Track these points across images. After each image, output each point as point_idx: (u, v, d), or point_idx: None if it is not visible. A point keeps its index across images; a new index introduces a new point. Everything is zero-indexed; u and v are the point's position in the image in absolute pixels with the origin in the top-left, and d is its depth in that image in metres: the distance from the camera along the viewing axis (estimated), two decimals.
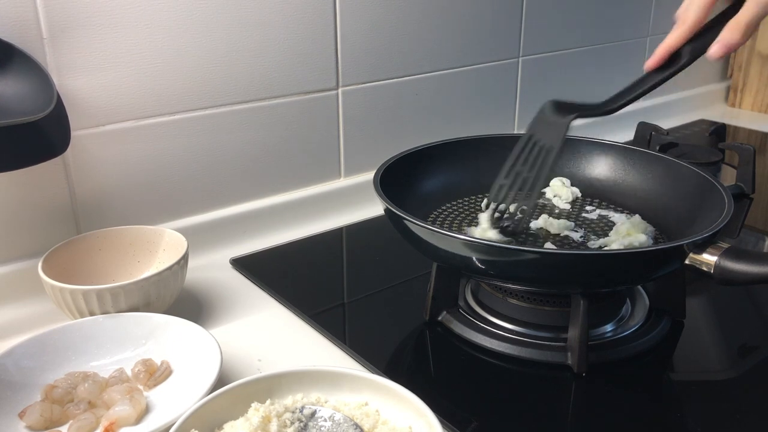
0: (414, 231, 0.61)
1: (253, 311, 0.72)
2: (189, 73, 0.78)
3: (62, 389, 0.55)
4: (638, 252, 0.59)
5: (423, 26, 0.97)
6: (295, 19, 0.84)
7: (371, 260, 0.83)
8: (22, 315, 0.69)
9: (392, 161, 0.73)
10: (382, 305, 0.73)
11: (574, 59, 1.21)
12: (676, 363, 0.64)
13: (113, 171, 0.75)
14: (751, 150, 0.99)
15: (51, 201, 0.72)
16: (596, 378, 0.60)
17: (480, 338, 0.64)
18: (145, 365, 0.58)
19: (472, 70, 1.05)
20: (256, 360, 0.63)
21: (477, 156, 0.81)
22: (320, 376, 0.52)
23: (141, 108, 0.75)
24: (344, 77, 0.91)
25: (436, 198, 0.78)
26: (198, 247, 0.80)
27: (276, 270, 0.79)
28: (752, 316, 0.72)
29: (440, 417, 0.47)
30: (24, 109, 0.62)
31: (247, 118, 0.84)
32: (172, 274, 0.65)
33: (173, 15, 0.75)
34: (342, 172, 0.95)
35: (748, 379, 0.61)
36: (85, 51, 0.70)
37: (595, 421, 0.56)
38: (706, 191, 0.68)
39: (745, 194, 0.98)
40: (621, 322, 0.66)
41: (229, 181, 0.85)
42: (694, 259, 0.57)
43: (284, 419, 0.48)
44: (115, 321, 0.62)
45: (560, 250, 0.66)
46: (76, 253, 0.69)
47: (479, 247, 0.58)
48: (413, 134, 1.00)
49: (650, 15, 1.33)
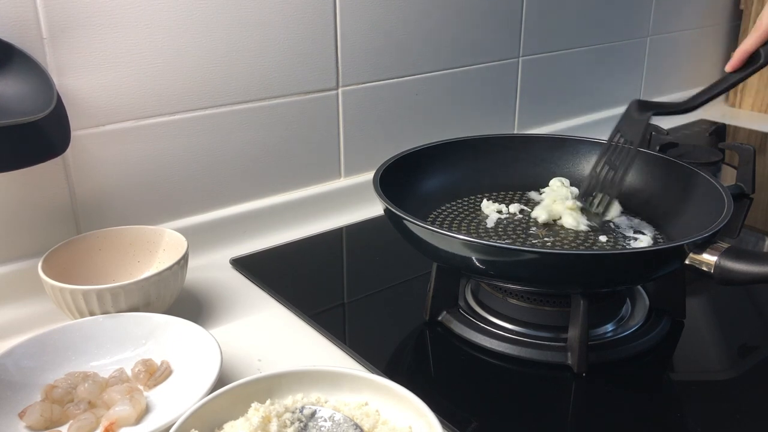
0: (414, 231, 0.61)
1: (253, 311, 0.72)
2: (189, 73, 0.78)
3: (62, 389, 0.55)
4: (638, 252, 0.59)
5: (423, 26, 0.97)
6: (295, 19, 0.84)
7: (371, 260, 0.83)
8: (22, 315, 0.69)
9: (392, 161, 0.73)
10: (382, 305, 0.73)
11: (574, 59, 1.21)
12: (676, 363, 0.64)
13: (113, 171, 0.75)
14: (751, 150, 0.99)
15: (51, 201, 0.72)
16: (596, 378, 0.60)
17: (480, 338, 0.64)
18: (145, 365, 0.58)
19: (472, 70, 1.05)
20: (256, 360, 0.63)
21: (477, 156, 0.81)
22: (320, 376, 0.52)
23: (141, 108, 0.75)
24: (344, 77, 0.91)
25: (436, 198, 0.78)
26: (198, 247, 0.80)
27: (276, 270, 0.79)
28: (752, 316, 0.72)
29: (440, 417, 0.47)
30: (24, 109, 0.62)
31: (247, 118, 0.84)
32: (172, 274, 0.65)
33: (173, 15, 0.75)
34: (342, 172, 0.95)
35: (748, 379, 0.61)
36: (85, 51, 0.70)
37: (595, 421, 0.56)
38: (705, 191, 0.68)
39: (745, 194, 0.98)
40: (621, 322, 0.66)
41: (229, 181, 0.85)
42: (694, 259, 0.57)
43: (284, 419, 0.48)
44: (115, 321, 0.62)
45: (560, 250, 0.66)
46: (76, 253, 0.69)
47: (479, 247, 0.58)
48: (413, 134, 1.00)
49: (650, 15, 1.33)
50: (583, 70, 1.24)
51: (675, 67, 1.45)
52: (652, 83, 1.40)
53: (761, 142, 1.29)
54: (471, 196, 0.79)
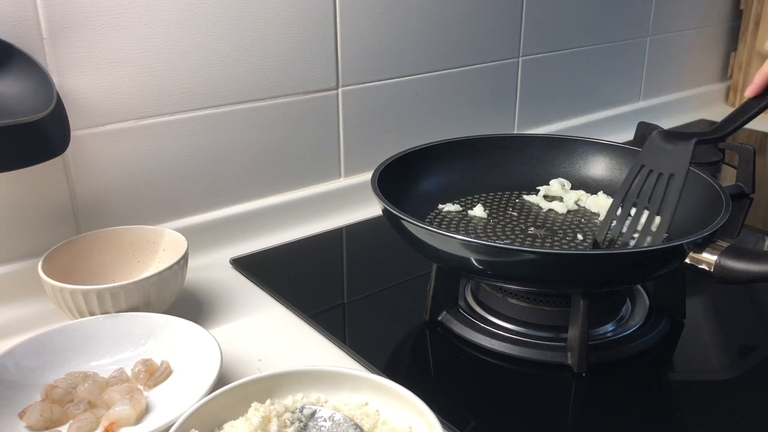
0: (412, 231, 0.61)
1: (253, 311, 0.72)
2: (189, 73, 0.78)
3: (62, 389, 0.55)
4: (638, 252, 0.59)
5: (423, 26, 0.97)
6: (295, 19, 0.84)
7: (371, 260, 0.83)
8: (22, 315, 0.69)
9: (390, 161, 0.73)
10: (382, 305, 0.73)
11: (574, 59, 1.21)
12: (676, 363, 0.64)
13: (113, 171, 0.75)
14: (751, 150, 0.99)
15: (51, 201, 0.72)
16: (596, 378, 0.60)
17: (480, 338, 0.64)
18: (145, 365, 0.58)
19: (472, 70, 1.05)
20: (256, 360, 0.63)
21: (476, 156, 0.81)
22: (320, 376, 0.52)
23: (141, 108, 0.75)
24: (344, 77, 0.91)
25: (435, 198, 0.78)
26: (198, 247, 0.80)
27: (276, 270, 0.79)
28: (752, 316, 0.72)
29: (440, 417, 0.47)
30: (24, 109, 0.62)
31: (247, 118, 0.84)
32: (172, 274, 0.65)
33: (173, 15, 0.75)
34: (342, 172, 0.95)
35: (748, 379, 0.61)
36: (85, 51, 0.70)
37: (595, 421, 0.56)
38: (704, 191, 0.68)
39: (745, 194, 0.99)
40: (621, 322, 0.66)
41: (229, 181, 0.85)
42: (694, 258, 0.57)
43: (284, 419, 0.48)
44: (115, 321, 0.62)
45: (560, 250, 0.66)
46: (76, 253, 0.69)
47: (478, 247, 0.58)
48: (413, 134, 1.00)
49: (650, 15, 1.33)
50: (583, 70, 1.24)
51: (675, 67, 1.45)
52: (652, 83, 1.40)
53: (761, 142, 1.29)
54: (469, 197, 0.79)
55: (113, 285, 0.62)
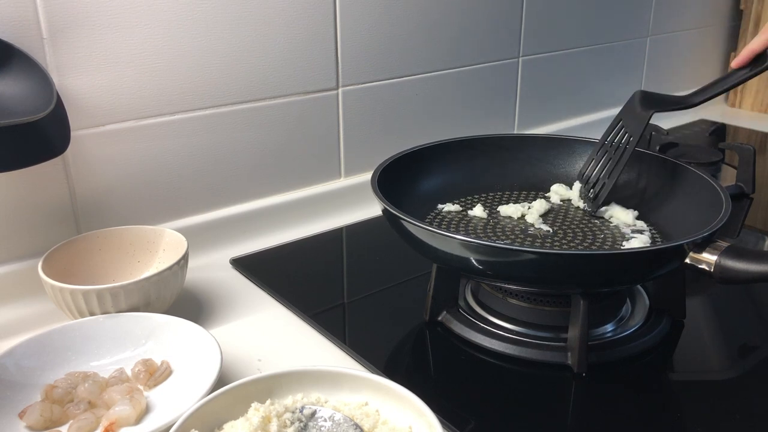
0: (412, 231, 0.61)
1: (253, 311, 0.72)
2: (189, 73, 0.78)
3: (62, 389, 0.55)
4: (638, 252, 0.59)
5: (423, 26, 0.97)
6: (295, 19, 0.84)
7: (371, 260, 0.83)
8: (22, 315, 0.69)
9: (390, 161, 0.73)
10: (382, 305, 0.73)
11: (574, 59, 1.21)
12: (676, 363, 0.64)
13: (113, 171, 0.75)
14: (751, 150, 0.99)
15: (51, 201, 0.72)
16: (596, 378, 0.60)
17: (480, 338, 0.64)
18: (145, 365, 0.58)
19: (472, 70, 1.05)
20: (256, 360, 0.63)
21: (475, 156, 0.81)
22: (320, 376, 0.52)
23: (141, 108, 0.75)
24: (344, 77, 0.91)
25: (435, 198, 0.78)
26: (198, 247, 0.80)
27: (276, 270, 0.79)
28: (752, 316, 0.72)
29: (440, 417, 0.47)
30: (24, 109, 0.62)
31: (247, 118, 0.84)
32: (172, 274, 0.65)
33: (173, 15, 0.75)
34: (342, 172, 0.95)
35: (748, 379, 0.61)
36: (85, 51, 0.70)
37: (595, 421, 0.56)
38: (704, 191, 0.68)
39: (745, 194, 0.98)
40: (621, 322, 0.66)
41: (229, 181, 0.85)
42: (695, 258, 0.57)
43: (284, 419, 0.48)
44: (115, 321, 0.62)
45: (560, 250, 0.66)
46: (76, 253, 0.69)
47: (478, 247, 0.58)
48: (413, 134, 1.00)
49: (650, 15, 1.33)
50: (583, 70, 1.24)
51: (675, 67, 1.45)
52: (652, 83, 1.39)
53: (761, 142, 1.29)
54: (469, 196, 0.79)
55: (113, 285, 0.62)
